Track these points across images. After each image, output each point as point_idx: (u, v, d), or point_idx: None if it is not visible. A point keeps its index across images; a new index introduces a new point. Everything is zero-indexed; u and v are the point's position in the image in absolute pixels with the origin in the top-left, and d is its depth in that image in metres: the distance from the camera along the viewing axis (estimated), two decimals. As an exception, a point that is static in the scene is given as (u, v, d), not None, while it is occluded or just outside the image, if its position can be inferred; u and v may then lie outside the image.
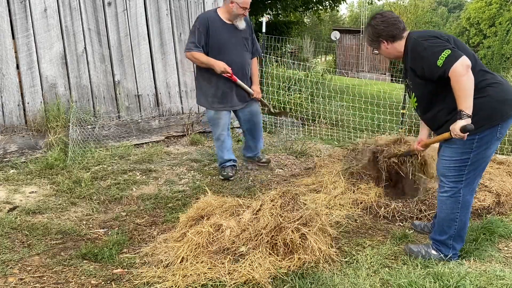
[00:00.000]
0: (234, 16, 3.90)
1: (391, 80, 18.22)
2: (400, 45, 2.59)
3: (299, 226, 2.54)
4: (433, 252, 2.65)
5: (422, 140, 2.94)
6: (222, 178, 4.22)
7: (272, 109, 4.54)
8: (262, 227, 2.55)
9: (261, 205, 2.72)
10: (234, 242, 2.53)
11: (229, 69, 3.86)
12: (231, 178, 4.21)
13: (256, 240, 2.50)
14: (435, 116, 2.58)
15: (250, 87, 4.15)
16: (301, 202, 2.78)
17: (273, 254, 2.47)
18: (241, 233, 2.56)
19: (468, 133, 2.32)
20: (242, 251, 2.45)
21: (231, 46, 3.95)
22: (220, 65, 3.83)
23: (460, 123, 2.31)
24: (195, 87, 4.29)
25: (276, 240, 2.49)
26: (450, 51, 2.29)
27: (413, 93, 2.66)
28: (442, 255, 2.62)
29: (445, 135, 2.49)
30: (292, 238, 2.48)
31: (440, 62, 2.30)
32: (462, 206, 2.56)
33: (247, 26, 4.06)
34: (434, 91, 2.49)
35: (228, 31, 3.94)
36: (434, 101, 2.54)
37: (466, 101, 2.30)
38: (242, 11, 3.86)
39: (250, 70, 4.20)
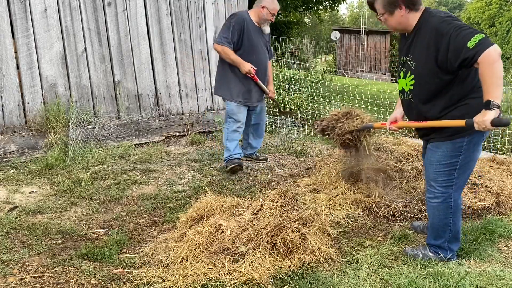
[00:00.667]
0: (263, 20, 4.14)
1: (391, 80, 18.24)
2: (414, 17, 2.37)
3: (299, 226, 2.54)
4: (430, 254, 2.63)
5: (398, 119, 2.74)
6: (231, 167, 4.26)
7: (281, 109, 4.64)
8: (262, 227, 2.55)
9: (261, 205, 2.72)
10: (234, 242, 2.52)
11: (253, 71, 4.10)
12: (240, 169, 4.33)
13: (256, 240, 2.50)
14: (430, 109, 2.41)
15: (266, 87, 4.41)
16: (301, 202, 2.78)
17: (273, 254, 2.46)
18: (241, 233, 2.56)
19: (496, 127, 2.13)
20: (242, 251, 2.44)
21: (259, 48, 4.22)
22: (246, 66, 4.06)
23: (490, 115, 2.07)
24: (216, 80, 4.41)
25: (276, 240, 2.49)
26: (483, 36, 2.10)
27: (412, 75, 2.41)
28: (441, 255, 2.61)
29: (451, 122, 2.27)
30: (292, 238, 2.47)
31: (471, 44, 2.08)
32: (454, 211, 2.52)
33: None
34: (444, 82, 2.31)
35: (258, 33, 4.20)
36: (438, 94, 2.36)
37: (497, 90, 2.06)
38: (271, 17, 4.12)
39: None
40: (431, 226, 2.63)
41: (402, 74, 2.54)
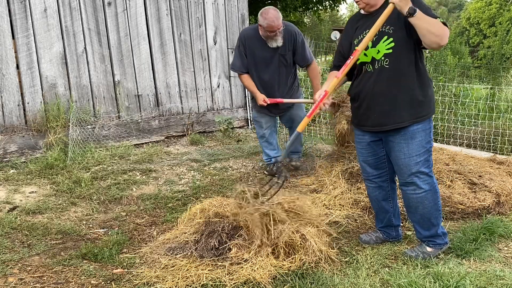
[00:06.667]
0: (264, 37, 3.93)
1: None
2: None
3: (299, 228, 2.53)
4: (429, 249, 2.59)
5: (327, 91, 2.45)
6: (267, 173, 4.32)
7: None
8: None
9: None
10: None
11: (267, 101, 4.01)
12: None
13: (259, 248, 2.48)
14: (395, 96, 2.38)
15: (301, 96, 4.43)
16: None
17: (274, 256, 2.46)
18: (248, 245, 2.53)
19: None
20: (246, 258, 2.43)
21: (263, 63, 4.03)
22: (259, 98, 4.01)
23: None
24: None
25: (277, 243, 2.48)
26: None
27: (391, 38, 2.35)
28: (440, 244, 2.59)
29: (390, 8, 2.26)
30: (292, 240, 2.47)
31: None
32: (438, 192, 2.54)
33: (287, 41, 3.98)
34: (415, 55, 2.36)
35: (263, 48, 3.98)
36: (409, 70, 2.36)
37: (430, 21, 2.20)
38: (269, 34, 3.86)
39: (293, 80, 4.22)
40: (421, 219, 2.57)
41: (370, 44, 2.41)
